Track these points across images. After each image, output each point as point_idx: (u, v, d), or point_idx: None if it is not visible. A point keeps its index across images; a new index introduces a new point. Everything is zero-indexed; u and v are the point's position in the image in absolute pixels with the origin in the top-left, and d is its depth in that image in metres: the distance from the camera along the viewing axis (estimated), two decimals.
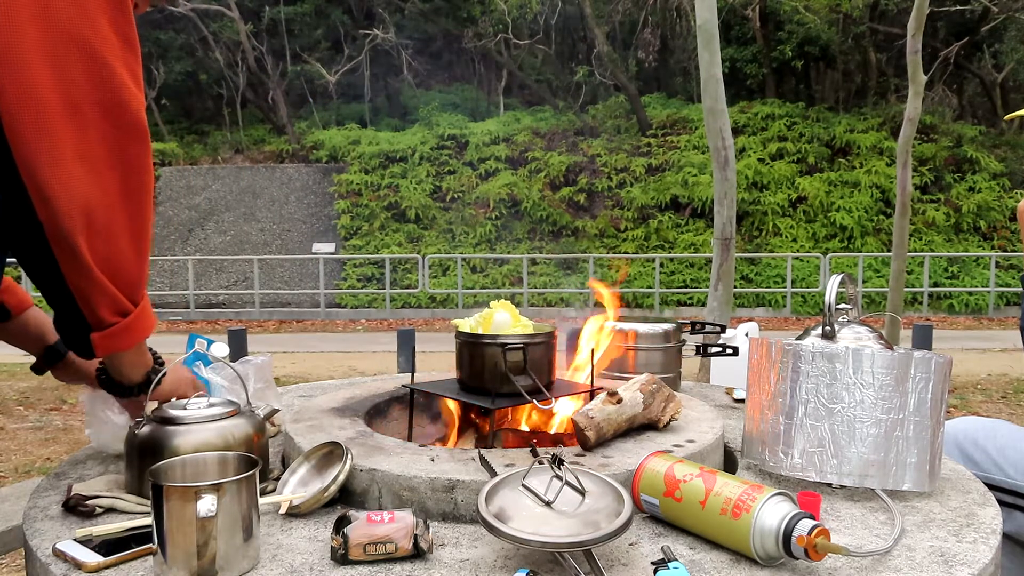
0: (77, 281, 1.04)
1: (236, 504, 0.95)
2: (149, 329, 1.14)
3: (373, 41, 19.85)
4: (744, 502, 1.01)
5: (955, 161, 15.70)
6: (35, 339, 1.34)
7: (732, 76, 16.20)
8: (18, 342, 1.34)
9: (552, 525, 0.97)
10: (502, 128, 17.76)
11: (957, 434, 1.65)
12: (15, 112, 0.95)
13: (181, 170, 17.32)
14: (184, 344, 1.51)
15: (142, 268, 1.09)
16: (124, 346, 1.12)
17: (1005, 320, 13.11)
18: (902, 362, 1.20)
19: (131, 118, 1.01)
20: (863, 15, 17.42)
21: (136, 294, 1.09)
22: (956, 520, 1.16)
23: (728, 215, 5.19)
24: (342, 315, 14.35)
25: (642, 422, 1.37)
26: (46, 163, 0.96)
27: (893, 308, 6.19)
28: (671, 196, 15.55)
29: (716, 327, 2.05)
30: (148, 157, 1.05)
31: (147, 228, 1.08)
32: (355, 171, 16.81)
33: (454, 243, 15.68)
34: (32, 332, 1.34)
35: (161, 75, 19.19)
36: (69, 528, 1.11)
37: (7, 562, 2.98)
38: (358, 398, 1.62)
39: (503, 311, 1.54)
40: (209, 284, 15.34)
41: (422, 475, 1.16)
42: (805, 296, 13.92)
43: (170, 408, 1.22)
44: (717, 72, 5.12)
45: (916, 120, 5.73)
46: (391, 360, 8.40)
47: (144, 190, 1.06)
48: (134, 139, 1.02)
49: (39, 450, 5.12)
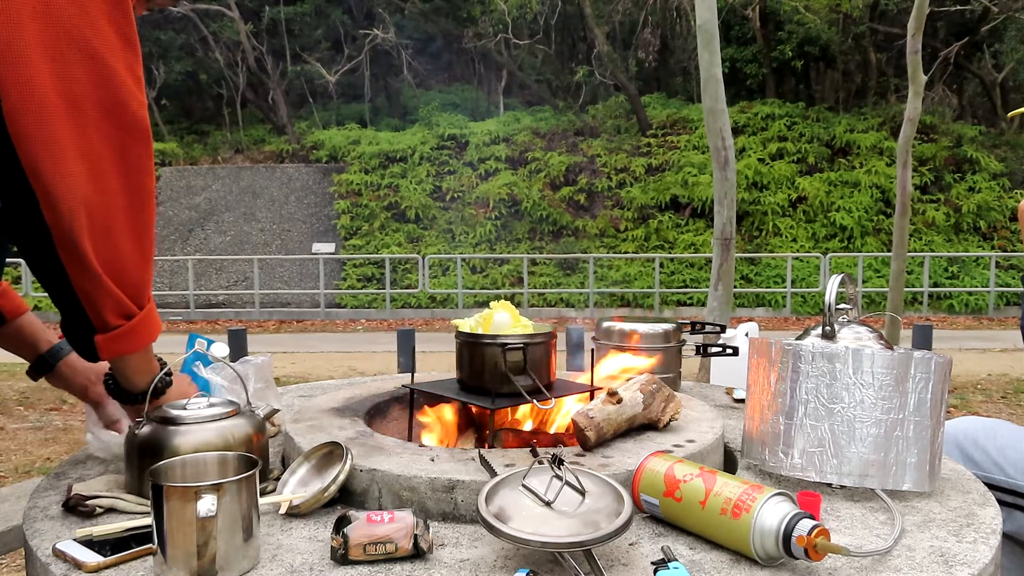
0: (82, 283, 1.03)
1: (236, 504, 0.95)
2: (155, 333, 1.13)
3: (373, 41, 19.86)
4: (744, 502, 1.01)
5: (955, 161, 15.70)
6: (29, 345, 1.34)
7: (732, 76, 16.21)
8: (13, 347, 1.34)
9: (552, 525, 0.97)
10: (502, 128, 17.76)
11: (957, 434, 1.65)
12: (18, 109, 0.95)
13: (181, 170, 17.32)
14: (184, 344, 1.50)
15: (146, 271, 1.09)
16: (129, 349, 1.12)
17: (1005, 320, 13.11)
18: (902, 362, 1.20)
19: (132, 118, 1.01)
20: (863, 15, 17.42)
21: (141, 297, 1.09)
22: (956, 520, 1.16)
23: (728, 215, 5.19)
24: (342, 315, 14.35)
25: (642, 422, 1.37)
26: (48, 161, 0.96)
27: (893, 308, 6.19)
28: (671, 196, 15.55)
29: (716, 327, 2.05)
30: (150, 158, 1.05)
31: (150, 230, 1.07)
32: (355, 171, 16.81)
33: (454, 243, 15.68)
34: (26, 338, 1.34)
35: (161, 75, 19.20)
36: (69, 528, 1.11)
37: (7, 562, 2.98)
38: (358, 398, 1.62)
39: (503, 312, 1.54)
40: (209, 284, 15.34)
41: (422, 475, 1.16)
42: (805, 296, 13.92)
43: (170, 408, 1.22)
44: (717, 72, 5.12)
45: (916, 120, 5.73)
46: (391, 360, 8.40)
47: (146, 191, 1.06)
48: (135, 140, 1.02)
49: (39, 450, 5.12)
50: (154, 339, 1.14)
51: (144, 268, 1.08)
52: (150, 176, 1.06)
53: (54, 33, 0.96)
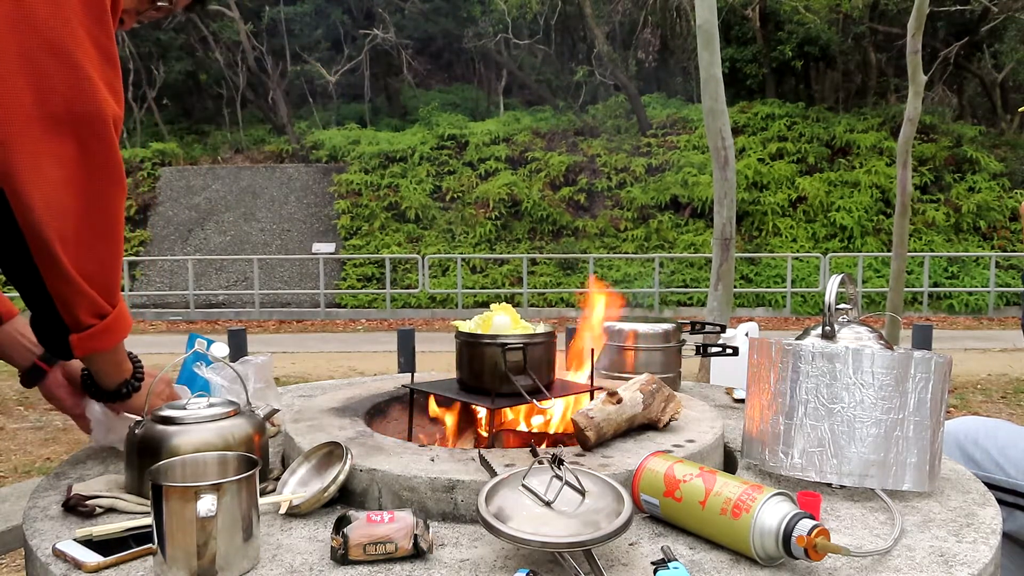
0: (57, 285, 1.06)
1: (236, 504, 0.95)
2: (126, 330, 1.17)
3: (373, 41, 19.87)
4: (744, 502, 1.01)
5: (955, 161, 15.70)
6: (27, 348, 1.33)
7: (732, 76, 16.20)
8: (10, 350, 1.32)
9: (552, 525, 0.97)
10: (502, 128, 17.76)
11: (957, 434, 1.65)
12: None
13: (181, 170, 17.32)
14: (184, 344, 1.51)
15: (117, 271, 1.12)
16: (102, 347, 1.15)
17: (1005, 320, 13.11)
18: (902, 362, 1.20)
19: (106, 130, 1.03)
20: (863, 15, 17.41)
21: (113, 296, 1.12)
22: (956, 520, 1.16)
23: (728, 215, 5.20)
24: (342, 315, 14.35)
25: (642, 422, 1.37)
26: (24, 169, 0.98)
27: (893, 308, 6.19)
28: (671, 196, 15.55)
29: (716, 327, 2.05)
30: (121, 168, 1.08)
31: (120, 233, 1.11)
32: (355, 171, 16.81)
33: (454, 243, 15.68)
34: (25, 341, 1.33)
35: (161, 75, 19.21)
36: (69, 528, 1.11)
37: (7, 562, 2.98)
38: (358, 398, 1.62)
39: (503, 314, 1.54)
40: (209, 284, 15.33)
41: (422, 475, 1.16)
42: (805, 296, 13.92)
43: (170, 408, 1.22)
44: (717, 72, 5.13)
45: (916, 120, 5.74)
46: (391, 360, 8.40)
47: (118, 198, 1.08)
48: (110, 149, 1.04)
49: (39, 450, 5.12)
50: (125, 335, 1.18)
51: (115, 268, 1.12)
52: (122, 184, 1.09)
53: (33, 43, 0.97)
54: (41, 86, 0.98)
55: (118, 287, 1.14)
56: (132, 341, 1.22)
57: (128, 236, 15.48)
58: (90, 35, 1.01)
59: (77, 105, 1.00)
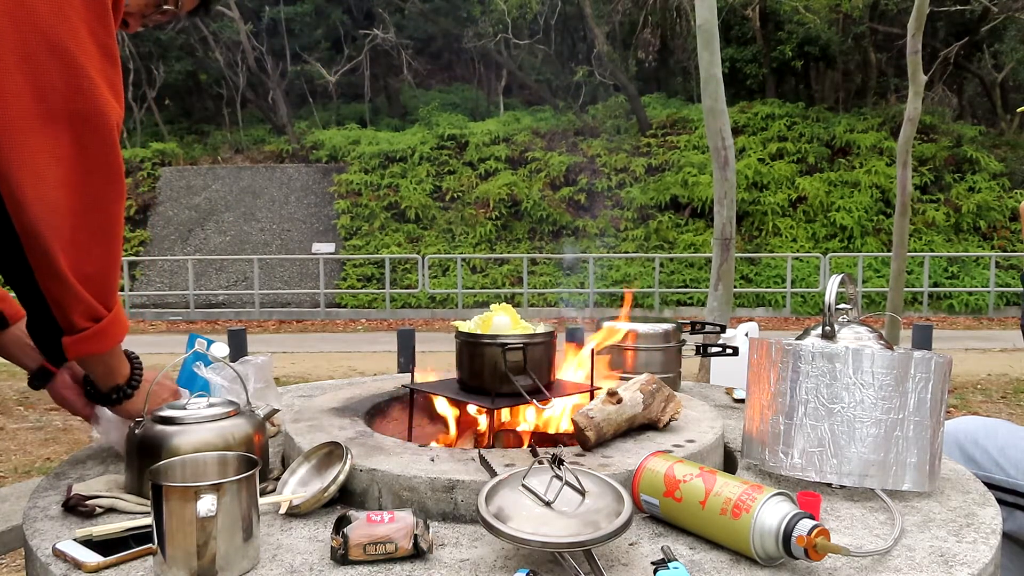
0: (50, 287, 1.04)
1: (236, 504, 0.95)
2: (121, 335, 1.14)
3: (373, 41, 19.86)
4: (744, 502, 1.01)
5: (955, 161, 15.69)
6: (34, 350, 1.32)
7: (732, 76, 16.20)
8: (18, 351, 1.32)
9: (552, 525, 0.97)
10: (502, 128, 17.75)
11: (957, 434, 1.65)
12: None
13: (181, 170, 17.32)
14: (184, 344, 1.51)
15: (114, 274, 1.10)
16: (95, 351, 1.13)
17: (1005, 320, 13.11)
18: (902, 362, 1.20)
19: (106, 129, 1.02)
20: (863, 15, 17.41)
21: (109, 300, 1.09)
22: (956, 520, 1.16)
23: (728, 215, 5.20)
24: (342, 315, 14.35)
25: (642, 422, 1.37)
26: (21, 167, 0.96)
27: (893, 308, 6.19)
28: (671, 196, 15.55)
29: (716, 327, 2.05)
30: (121, 168, 1.06)
31: (119, 235, 1.08)
32: (355, 171, 16.81)
33: (454, 243, 15.68)
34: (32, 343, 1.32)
35: (161, 75, 19.20)
36: (69, 528, 1.11)
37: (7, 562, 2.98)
38: (358, 398, 1.62)
39: (503, 314, 1.54)
40: (209, 284, 15.33)
41: (422, 475, 1.16)
42: (805, 296, 13.92)
43: (170, 408, 1.22)
44: (717, 72, 5.13)
45: (916, 120, 5.74)
46: (391, 360, 8.40)
47: (117, 199, 1.06)
48: (110, 149, 1.03)
49: (39, 450, 5.12)
50: (120, 340, 1.16)
51: (112, 271, 1.09)
52: (121, 184, 1.07)
53: (32, 40, 0.96)
54: (40, 83, 0.97)
55: (115, 290, 1.11)
56: (132, 341, 1.22)
57: (128, 236, 15.48)
58: (91, 33, 1.00)
59: (76, 103, 0.99)
